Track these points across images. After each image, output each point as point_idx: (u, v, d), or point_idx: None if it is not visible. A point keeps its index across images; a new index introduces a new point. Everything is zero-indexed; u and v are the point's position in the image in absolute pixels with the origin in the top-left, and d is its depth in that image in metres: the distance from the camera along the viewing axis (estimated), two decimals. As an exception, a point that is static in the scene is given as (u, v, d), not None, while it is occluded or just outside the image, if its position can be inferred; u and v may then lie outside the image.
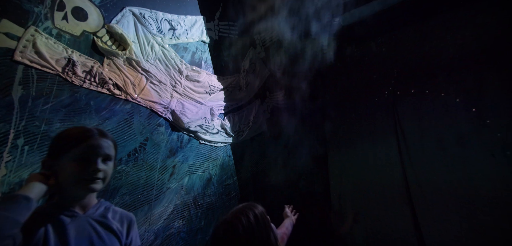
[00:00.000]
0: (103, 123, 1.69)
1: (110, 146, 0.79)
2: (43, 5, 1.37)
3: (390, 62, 1.91)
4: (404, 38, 1.83)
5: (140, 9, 1.86)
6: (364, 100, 2.09)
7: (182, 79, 2.19)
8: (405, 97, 1.84)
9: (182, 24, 2.14)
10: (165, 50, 2.07)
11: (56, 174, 0.70)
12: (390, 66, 1.91)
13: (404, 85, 1.85)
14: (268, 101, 2.52)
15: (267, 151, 2.56)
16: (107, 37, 1.73)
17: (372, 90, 2.02)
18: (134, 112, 1.88)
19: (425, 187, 1.67)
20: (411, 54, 1.80)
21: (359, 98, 2.12)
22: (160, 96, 2.05)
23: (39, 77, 1.38)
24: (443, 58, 1.62)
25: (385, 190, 1.91)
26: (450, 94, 1.57)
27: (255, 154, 2.60)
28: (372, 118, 2.05)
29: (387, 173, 1.98)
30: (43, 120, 1.36)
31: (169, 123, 2.09)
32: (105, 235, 0.77)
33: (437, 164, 1.65)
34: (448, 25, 1.59)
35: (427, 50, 1.72)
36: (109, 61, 1.76)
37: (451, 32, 1.58)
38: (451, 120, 1.59)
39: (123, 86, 1.82)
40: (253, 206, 0.90)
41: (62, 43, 1.49)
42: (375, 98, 2.03)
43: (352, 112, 2.21)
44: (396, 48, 1.87)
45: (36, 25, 1.36)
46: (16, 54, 1.29)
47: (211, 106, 2.38)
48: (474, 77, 1.46)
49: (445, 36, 1.62)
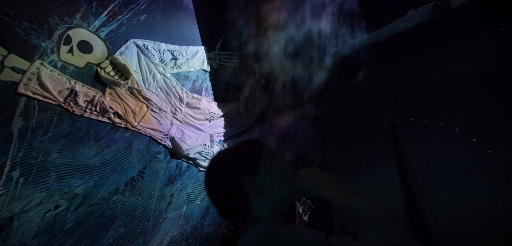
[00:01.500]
0: (102, 152, 1.68)
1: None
2: (50, 40, 1.42)
3: (388, 91, 1.93)
4: (400, 67, 1.88)
5: (144, 41, 1.93)
6: (364, 127, 2.08)
7: (183, 106, 2.22)
8: (404, 125, 1.84)
9: (184, 54, 2.21)
10: (166, 79, 2.11)
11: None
12: (388, 94, 1.93)
13: (402, 113, 1.85)
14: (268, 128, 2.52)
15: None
16: (110, 67, 1.78)
17: (371, 118, 2.03)
18: (134, 140, 1.88)
19: (439, 218, 1.61)
20: (408, 83, 1.83)
21: (359, 125, 2.12)
22: (160, 124, 2.06)
23: (40, 108, 1.40)
24: (440, 87, 1.64)
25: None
26: (449, 123, 1.56)
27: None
28: (373, 145, 2.04)
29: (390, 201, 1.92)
30: (41, 150, 1.36)
31: (168, 151, 2.08)
32: None
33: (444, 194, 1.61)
34: (445, 55, 1.63)
35: (424, 79, 1.75)
36: (111, 90, 1.79)
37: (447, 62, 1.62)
38: (453, 149, 1.57)
39: (123, 115, 1.84)
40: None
41: (66, 74, 1.52)
42: (374, 125, 2.03)
43: (352, 139, 2.19)
44: (393, 77, 1.90)
45: (42, 59, 1.41)
46: (20, 87, 1.32)
47: (211, 133, 2.38)
48: (472, 106, 1.47)
49: (441, 65, 1.65)
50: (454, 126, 1.54)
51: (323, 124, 2.32)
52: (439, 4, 1.57)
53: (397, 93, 1.89)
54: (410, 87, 1.79)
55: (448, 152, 1.58)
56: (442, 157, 1.65)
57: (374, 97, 2.01)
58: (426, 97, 1.72)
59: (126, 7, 1.78)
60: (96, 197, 1.56)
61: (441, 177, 1.63)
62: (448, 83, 1.57)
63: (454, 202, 1.56)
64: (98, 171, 1.60)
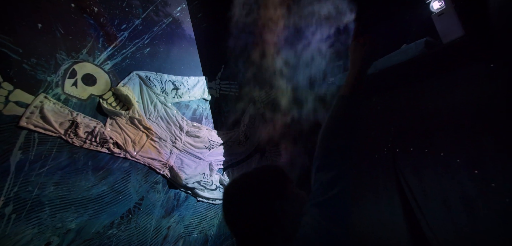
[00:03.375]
0: (99, 184, 1.65)
1: None
2: (56, 74, 1.46)
3: (387, 120, 1.95)
4: (397, 98, 1.91)
5: (147, 73, 1.99)
6: (364, 156, 2.08)
7: (183, 135, 2.23)
8: (404, 155, 1.83)
9: (185, 84, 2.27)
10: (167, 108, 2.14)
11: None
12: (387, 124, 1.95)
13: (402, 143, 1.85)
14: (268, 156, 2.51)
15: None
16: (112, 99, 1.81)
17: (371, 147, 2.03)
18: (132, 170, 1.85)
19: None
20: (406, 113, 1.85)
21: (358, 154, 2.11)
22: (159, 153, 2.05)
23: (40, 141, 1.40)
24: (438, 119, 1.66)
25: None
26: (450, 154, 1.56)
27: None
28: (374, 175, 2.02)
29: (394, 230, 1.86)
30: (37, 184, 1.34)
31: (166, 180, 2.05)
32: None
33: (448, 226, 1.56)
34: (439, 87, 1.67)
35: (421, 110, 1.77)
36: (112, 121, 1.81)
37: (442, 94, 1.65)
38: (455, 180, 1.55)
39: (123, 144, 1.83)
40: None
41: (69, 106, 1.55)
42: (375, 154, 2.02)
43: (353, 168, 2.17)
44: (391, 107, 1.93)
45: (47, 92, 1.44)
46: (22, 120, 1.33)
47: (210, 161, 2.36)
48: (471, 139, 1.48)
49: (437, 97, 1.68)
50: (455, 158, 1.53)
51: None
52: (431, 40, 1.64)
53: (396, 123, 1.91)
54: (408, 118, 1.81)
55: (450, 184, 1.56)
56: (443, 189, 1.62)
57: (373, 127, 2.02)
58: (425, 127, 1.74)
59: (131, 42, 1.85)
60: (90, 232, 1.50)
61: (443, 210, 1.59)
62: (445, 115, 1.59)
63: (459, 235, 1.51)
64: (93, 204, 1.56)
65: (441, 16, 1.53)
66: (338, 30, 2.11)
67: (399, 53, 1.83)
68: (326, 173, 0.68)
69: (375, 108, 2.03)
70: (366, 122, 2.05)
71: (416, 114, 1.79)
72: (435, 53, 1.62)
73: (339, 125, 0.74)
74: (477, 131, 1.44)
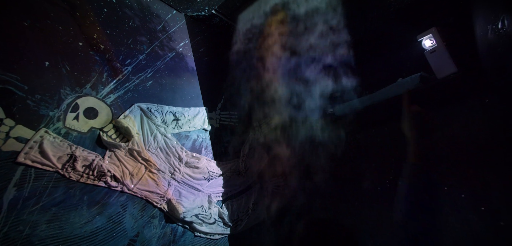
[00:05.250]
0: (93, 220, 1.59)
1: None
2: (58, 109, 1.48)
3: (387, 152, 1.95)
4: (396, 129, 1.93)
5: (148, 105, 2.02)
6: (367, 189, 2.04)
7: (181, 166, 2.20)
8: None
9: (186, 115, 2.29)
10: (167, 139, 2.14)
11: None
12: (387, 155, 1.95)
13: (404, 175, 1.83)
14: (268, 187, 2.46)
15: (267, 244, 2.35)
16: (112, 131, 1.81)
17: (373, 179, 2.00)
18: (128, 204, 1.80)
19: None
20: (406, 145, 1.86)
21: (361, 186, 2.07)
22: (157, 185, 2.01)
23: (36, 176, 1.38)
24: (439, 151, 1.66)
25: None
26: (455, 189, 1.53)
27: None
28: (377, 208, 1.96)
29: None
30: (28, 223, 1.29)
31: (163, 214, 1.98)
32: None
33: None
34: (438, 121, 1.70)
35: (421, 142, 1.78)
36: (111, 153, 1.79)
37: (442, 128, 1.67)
38: (461, 216, 1.51)
39: (121, 177, 1.80)
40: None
41: (69, 140, 1.54)
42: (377, 186, 1.99)
43: (355, 200, 2.12)
44: (390, 139, 1.94)
45: (48, 127, 1.44)
46: (20, 156, 1.32)
47: (209, 193, 2.31)
48: (475, 173, 1.46)
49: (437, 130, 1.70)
50: (460, 192, 1.50)
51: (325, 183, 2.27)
52: (425, 75, 1.70)
53: (396, 154, 1.91)
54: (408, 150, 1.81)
55: (457, 220, 1.51)
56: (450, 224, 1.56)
57: (374, 158, 2.02)
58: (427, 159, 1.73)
59: (134, 75, 1.91)
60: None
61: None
62: (446, 148, 1.59)
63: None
64: (86, 242, 1.49)
65: (433, 53, 1.60)
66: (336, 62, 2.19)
67: (395, 86, 1.88)
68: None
69: (374, 140, 2.04)
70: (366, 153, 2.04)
71: (416, 146, 1.80)
72: (431, 87, 1.67)
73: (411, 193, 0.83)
74: (479, 165, 1.43)
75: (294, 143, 2.34)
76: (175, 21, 2.29)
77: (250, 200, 2.46)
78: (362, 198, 2.06)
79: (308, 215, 2.16)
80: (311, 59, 2.29)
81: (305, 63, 2.33)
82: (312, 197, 2.19)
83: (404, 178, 0.83)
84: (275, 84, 2.49)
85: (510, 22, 1.11)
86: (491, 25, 1.20)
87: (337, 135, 2.23)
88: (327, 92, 2.26)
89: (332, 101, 2.28)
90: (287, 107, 2.41)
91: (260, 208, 2.48)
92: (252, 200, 2.44)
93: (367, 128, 2.09)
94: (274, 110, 2.47)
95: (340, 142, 2.28)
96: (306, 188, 2.24)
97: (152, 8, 2.13)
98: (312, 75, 2.34)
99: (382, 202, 1.94)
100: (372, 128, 2.06)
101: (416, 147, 0.85)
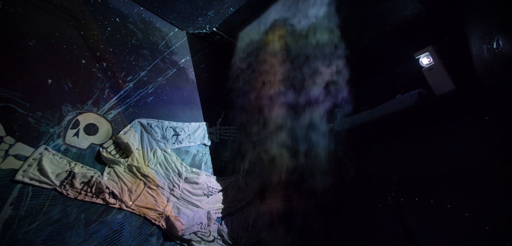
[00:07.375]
0: (89, 239, 1.55)
1: None
2: (59, 126, 1.48)
3: (388, 168, 1.94)
4: (397, 145, 1.93)
5: (148, 120, 2.02)
6: (369, 205, 2.01)
7: (181, 181, 2.17)
8: (410, 205, 1.77)
9: (186, 130, 2.29)
10: (166, 155, 2.12)
11: None
12: (388, 171, 1.93)
13: (406, 192, 1.81)
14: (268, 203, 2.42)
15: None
16: (112, 147, 1.81)
17: (374, 195, 1.97)
18: (126, 222, 1.76)
19: None
20: (407, 161, 1.85)
21: (363, 202, 2.04)
22: (156, 201, 1.97)
23: (34, 194, 1.36)
24: (440, 168, 1.65)
25: None
26: (457, 207, 1.51)
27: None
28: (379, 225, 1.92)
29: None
30: (22, 243, 1.25)
31: (162, 232, 1.94)
32: None
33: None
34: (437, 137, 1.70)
35: (422, 159, 1.77)
36: (110, 169, 1.78)
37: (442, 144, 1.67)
38: (465, 237, 1.47)
39: (119, 194, 1.77)
40: None
41: (68, 157, 1.53)
42: (379, 203, 1.96)
43: (357, 217, 2.08)
44: (391, 155, 1.93)
45: (47, 144, 1.44)
46: (18, 174, 1.30)
47: (208, 210, 2.27)
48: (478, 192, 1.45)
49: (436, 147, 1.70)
50: (463, 211, 1.48)
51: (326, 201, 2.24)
52: (424, 91, 1.71)
53: (397, 170, 1.89)
54: (409, 166, 1.80)
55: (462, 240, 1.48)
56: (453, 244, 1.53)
57: (375, 174, 2.00)
58: (427, 176, 1.71)
59: (135, 91, 1.92)
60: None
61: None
62: (446, 165, 1.59)
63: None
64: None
65: (431, 70, 1.63)
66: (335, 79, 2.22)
67: (394, 103, 1.89)
68: None
69: (375, 155, 2.03)
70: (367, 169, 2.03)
71: (417, 162, 1.78)
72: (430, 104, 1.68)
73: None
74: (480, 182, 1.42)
75: (293, 158, 2.33)
76: (177, 38, 2.33)
77: (250, 216, 2.41)
78: (363, 215, 2.03)
79: (308, 231, 2.12)
80: (310, 75, 2.32)
81: (304, 79, 2.36)
82: (312, 213, 2.15)
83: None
84: (275, 99, 2.51)
85: (504, 42, 1.14)
86: (487, 45, 1.23)
87: (337, 150, 2.23)
88: (326, 108, 2.28)
89: (332, 116, 2.29)
90: (287, 122, 2.41)
91: (260, 225, 2.43)
92: (252, 217, 2.39)
93: (367, 143, 2.09)
94: (274, 125, 2.47)
95: (339, 157, 2.27)
96: (306, 204, 2.21)
97: (155, 26, 2.18)
98: (312, 89, 2.36)
99: (384, 220, 1.91)
100: (372, 143, 2.06)
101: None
